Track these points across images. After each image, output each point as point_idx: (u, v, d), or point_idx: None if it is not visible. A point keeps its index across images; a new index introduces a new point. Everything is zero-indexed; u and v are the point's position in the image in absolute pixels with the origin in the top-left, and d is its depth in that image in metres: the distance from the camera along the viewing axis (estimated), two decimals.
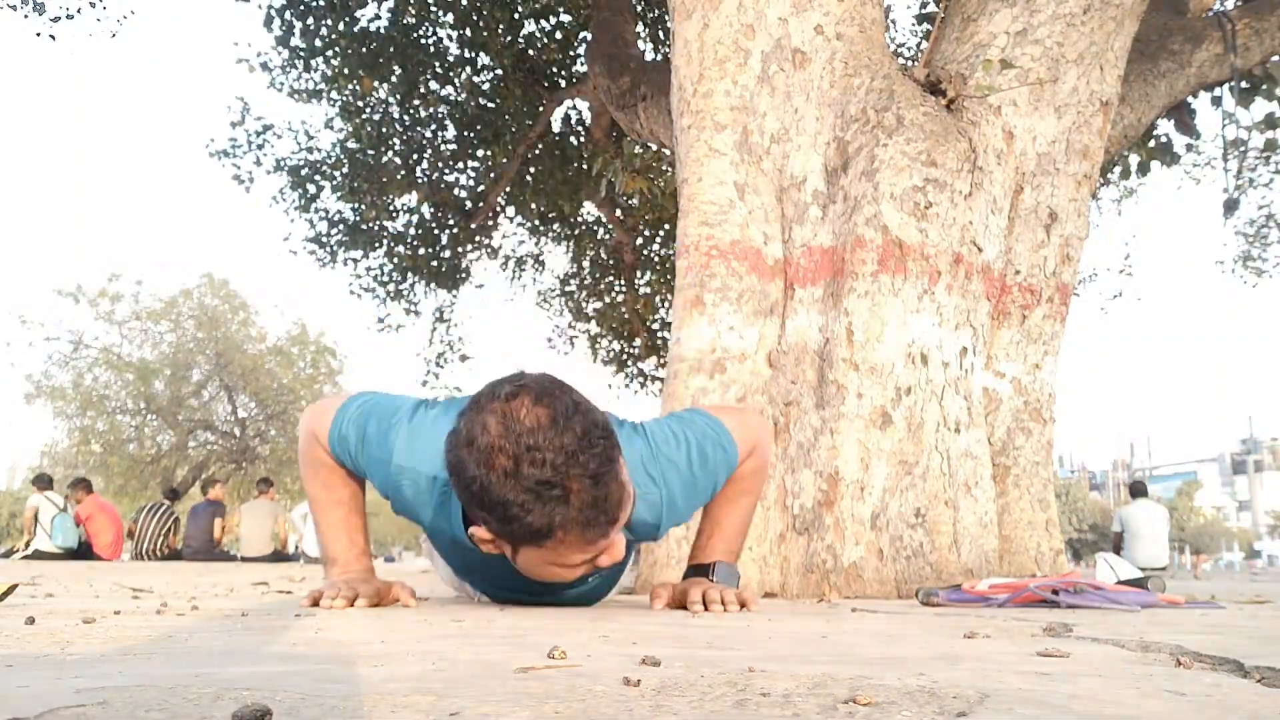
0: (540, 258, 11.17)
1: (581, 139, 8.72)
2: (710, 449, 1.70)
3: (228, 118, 8.80)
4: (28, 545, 8.69)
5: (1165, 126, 5.93)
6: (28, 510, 8.98)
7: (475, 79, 8.12)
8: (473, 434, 1.29)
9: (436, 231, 9.02)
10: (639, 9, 7.76)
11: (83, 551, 8.85)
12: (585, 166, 8.33)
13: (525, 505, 1.27)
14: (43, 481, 9.20)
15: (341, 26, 7.39)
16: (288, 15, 7.34)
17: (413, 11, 7.48)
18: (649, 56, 7.68)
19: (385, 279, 9.41)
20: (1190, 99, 5.17)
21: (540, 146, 8.49)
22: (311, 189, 8.78)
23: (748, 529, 1.88)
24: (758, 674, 0.79)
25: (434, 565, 2.24)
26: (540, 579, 1.48)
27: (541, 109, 8.07)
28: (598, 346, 11.11)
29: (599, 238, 10.21)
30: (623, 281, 10.07)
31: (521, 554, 1.40)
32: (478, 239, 9.58)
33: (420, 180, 8.49)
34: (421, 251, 9.00)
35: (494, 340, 30.69)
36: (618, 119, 6.31)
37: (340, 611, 1.57)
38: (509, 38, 7.69)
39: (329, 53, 7.65)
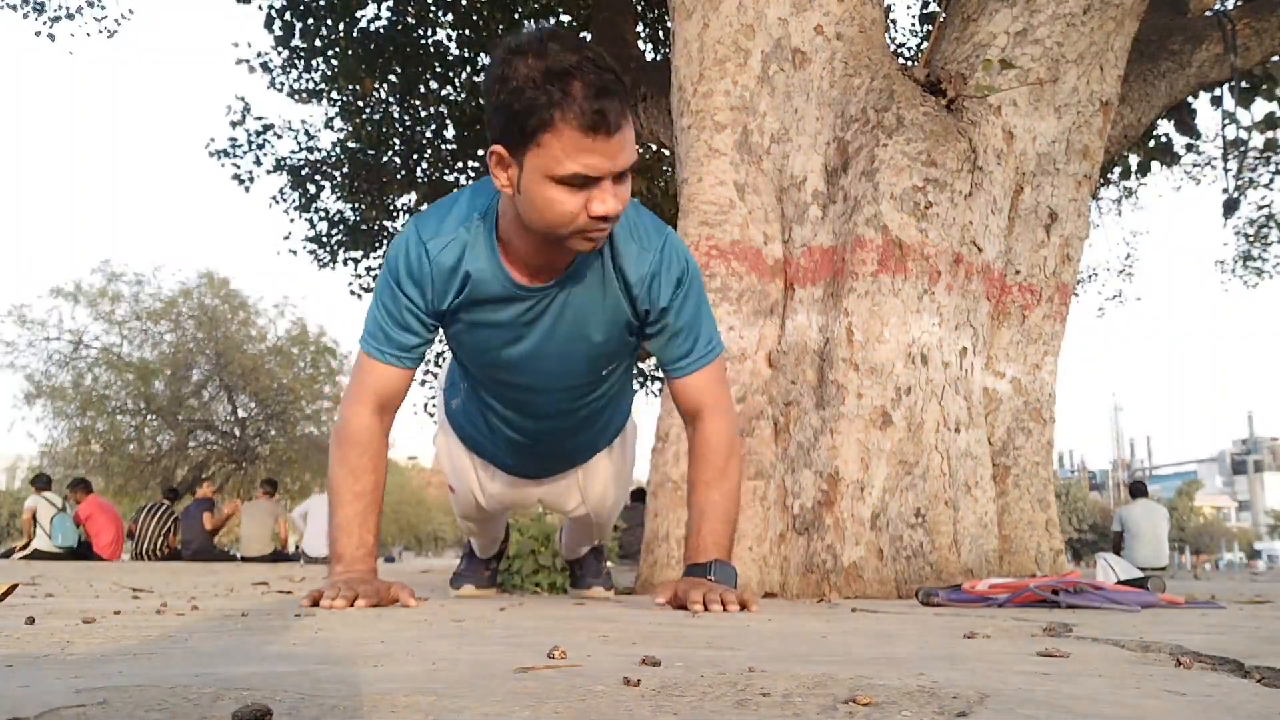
0: None
1: None
2: (708, 314, 1.85)
3: (228, 118, 8.79)
4: (25, 547, 8.69)
5: (1165, 126, 5.93)
6: (25, 512, 8.98)
7: (475, 79, 8.12)
8: (506, 45, 1.47)
9: None
10: (639, 9, 7.76)
11: (83, 551, 8.85)
12: None
13: (534, 83, 1.40)
14: (41, 482, 9.19)
15: (341, 27, 7.39)
16: (288, 16, 7.34)
17: (412, 11, 7.48)
18: (649, 56, 7.68)
19: None
20: (1190, 99, 5.18)
21: None
22: (311, 189, 8.78)
23: (736, 518, 1.88)
24: (758, 674, 0.79)
25: (445, 465, 2.25)
26: (542, 219, 1.52)
27: None
28: None
29: None
30: None
31: (525, 172, 1.48)
32: None
33: (420, 180, 8.49)
34: None
35: None
36: None
37: (340, 611, 1.57)
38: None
39: (329, 53, 7.65)
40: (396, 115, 8.22)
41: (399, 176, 8.34)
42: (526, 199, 1.52)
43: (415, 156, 8.45)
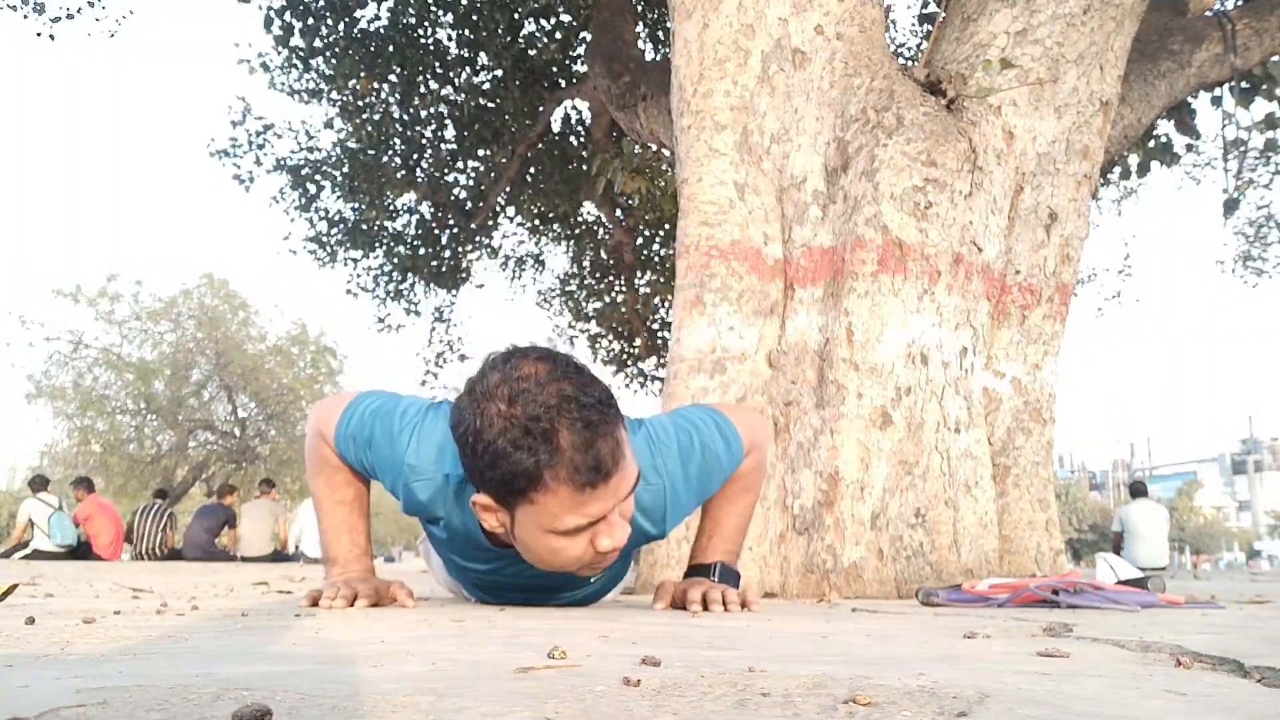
0: (540, 258, 11.18)
1: (581, 139, 8.72)
2: (712, 441, 1.70)
3: (228, 118, 8.79)
4: (25, 545, 8.68)
5: (1165, 126, 5.93)
6: (20, 517, 8.96)
7: (475, 79, 8.12)
8: (473, 387, 1.32)
9: (436, 231, 9.02)
10: (639, 9, 7.76)
11: (82, 551, 8.85)
12: (585, 166, 8.33)
13: (515, 443, 1.26)
14: (37, 484, 9.18)
15: (341, 27, 7.39)
16: (287, 16, 7.33)
17: (412, 11, 7.48)
18: (649, 56, 7.68)
19: (385, 279, 9.41)
20: (1190, 99, 5.18)
21: (540, 146, 8.48)
22: (311, 189, 8.78)
23: (747, 528, 1.89)
24: (758, 674, 0.79)
25: (429, 566, 2.24)
26: (541, 562, 1.45)
27: (541, 109, 8.07)
28: (598, 346, 11.11)
29: (599, 238, 10.21)
30: (623, 281, 10.07)
31: (518, 519, 1.37)
32: (478, 239, 9.58)
33: (420, 180, 8.49)
34: (421, 251, 9.00)
35: (494, 340, 30.71)
36: (618, 119, 6.31)
37: (340, 611, 1.57)
38: (509, 38, 7.69)
39: (329, 53, 7.65)
40: (396, 115, 8.21)
41: (399, 176, 8.34)
42: (523, 544, 1.43)
43: (415, 156, 8.45)
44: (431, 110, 8.16)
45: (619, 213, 9.14)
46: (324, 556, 1.79)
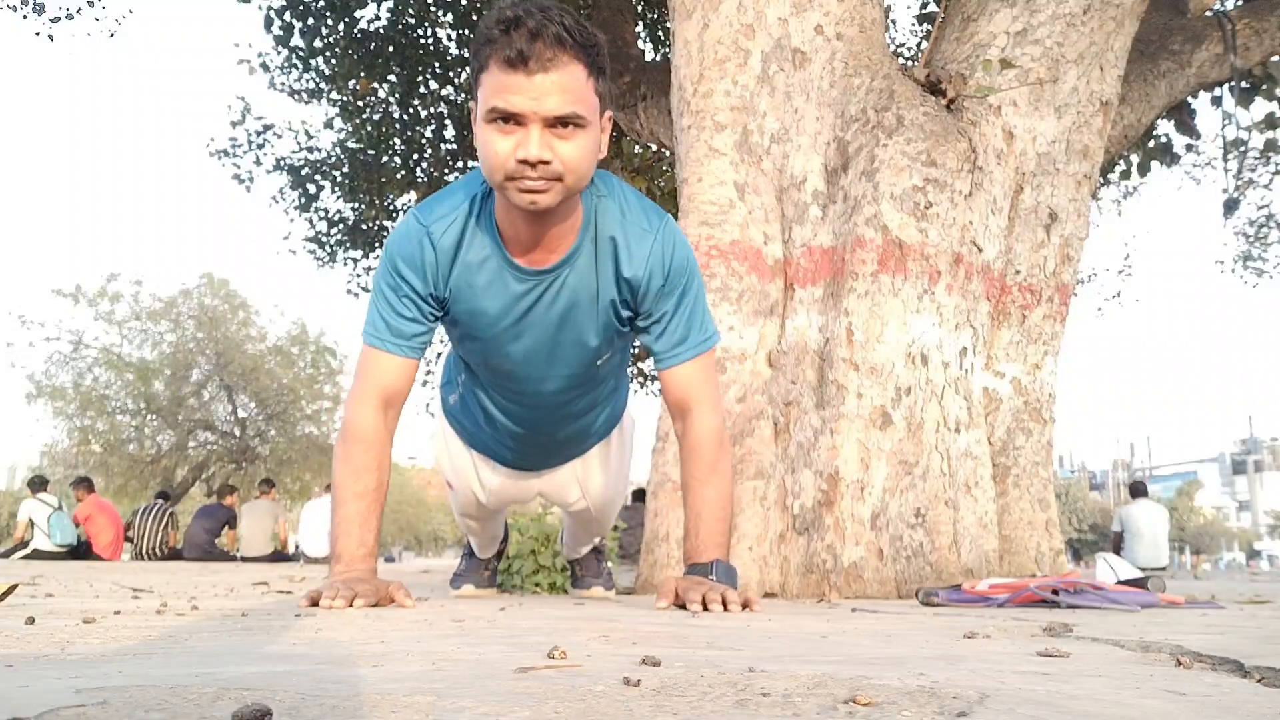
0: None
1: None
2: (704, 309, 1.84)
3: (228, 118, 8.80)
4: (25, 545, 8.69)
5: (1165, 126, 5.94)
6: (20, 517, 8.97)
7: None
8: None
9: None
10: (639, 9, 7.76)
11: (83, 551, 8.85)
12: None
13: (488, 25, 1.47)
14: (36, 484, 9.18)
15: (341, 27, 7.39)
16: (287, 16, 7.33)
17: (412, 11, 7.48)
18: (649, 56, 7.68)
19: None
20: (1190, 99, 5.18)
21: None
22: (311, 189, 8.78)
23: (731, 514, 1.88)
24: (758, 674, 0.79)
25: (444, 451, 2.25)
26: (485, 165, 1.54)
27: None
28: None
29: None
30: None
31: (476, 119, 1.52)
32: None
33: (420, 180, 8.49)
34: None
35: None
36: (618, 119, 6.31)
37: (340, 611, 1.57)
38: None
39: (329, 53, 7.65)
40: (396, 115, 8.21)
41: (399, 176, 8.34)
42: (477, 142, 1.56)
43: (415, 156, 8.44)
44: (431, 110, 8.17)
45: None
46: (330, 549, 1.79)
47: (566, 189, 1.56)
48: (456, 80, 8.02)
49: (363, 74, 7.37)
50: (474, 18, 7.47)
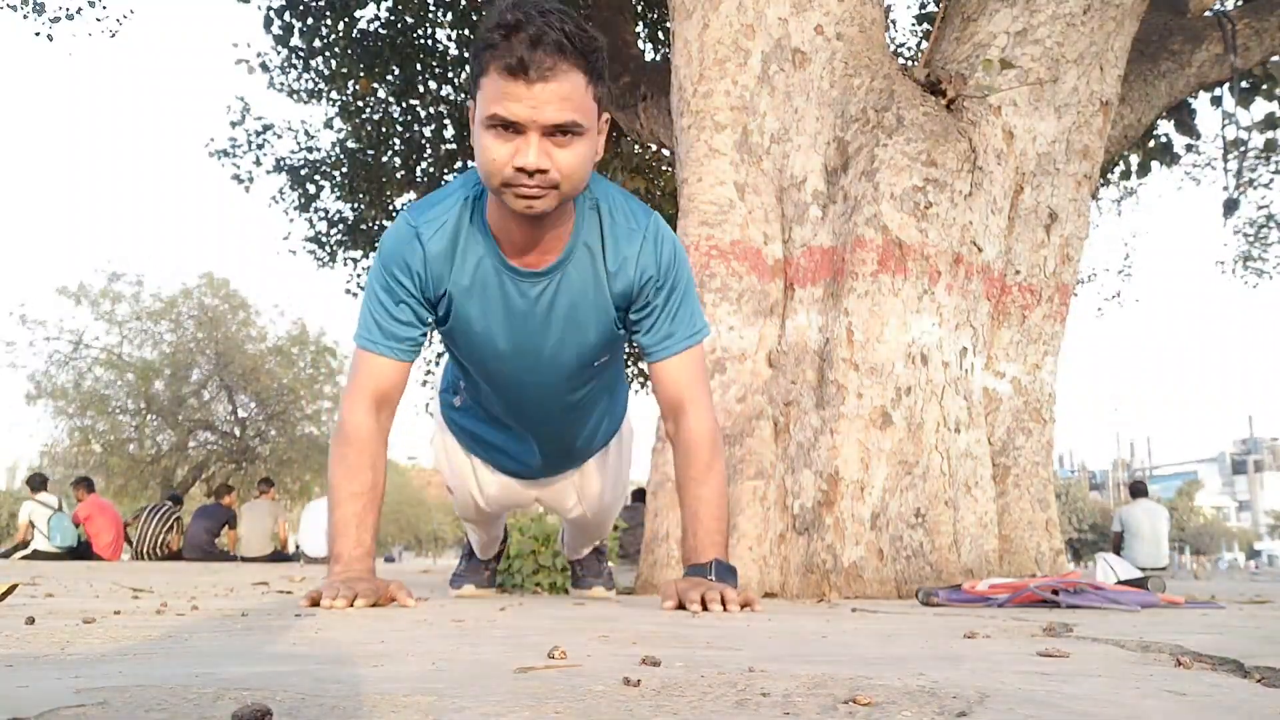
0: None
1: None
2: (694, 303, 1.84)
3: (228, 118, 8.79)
4: (25, 546, 8.69)
5: (1165, 126, 5.94)
6: (21, 518, 8.97)
7: None
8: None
9: None
10: (639, 9, 7.76)
11: (82, 551, 8.86)
12: None
13: (488, 29, 1.46)
14: (35, 483, 9.18)
15: (340, 26, 7.39)
16: (287, 16, 7.33)
17: (412, 11, 7.47)
18: (649, 56, 7.68)
19: None
20: (1190, 99, 5.18)
21: None
22: (311, 189, 8.78)
23: (728, 512, 1.87)
24: (758, 674, 0.79)
25: (443, 456, 2.25)
26: (483, 169, 1.54)
27: None
28: None
29: None
30: None
31: (475, 123, 1.52)
32: None
33: (420, 180, 8.49)
34: None
35: None
36: (618, 119, 6.31)
37: (340, 611, 1.57)
38: None
39: (328, 53, 7.65)
40: (396, 115, 8.21)
41: (398, 176, 8.34)
42: (476, 145, 1.55)
43: (415, 156, 8.44)
44: (431, 110, 8.16)
45: None
46: (329, 550, 1.79)
47: (562, 195, 1.56)
48: (456, 80, 8.02)
49: (362, 74, 7.37)
50: (474, 17, 7.47)
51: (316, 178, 8.74)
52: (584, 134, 1.53)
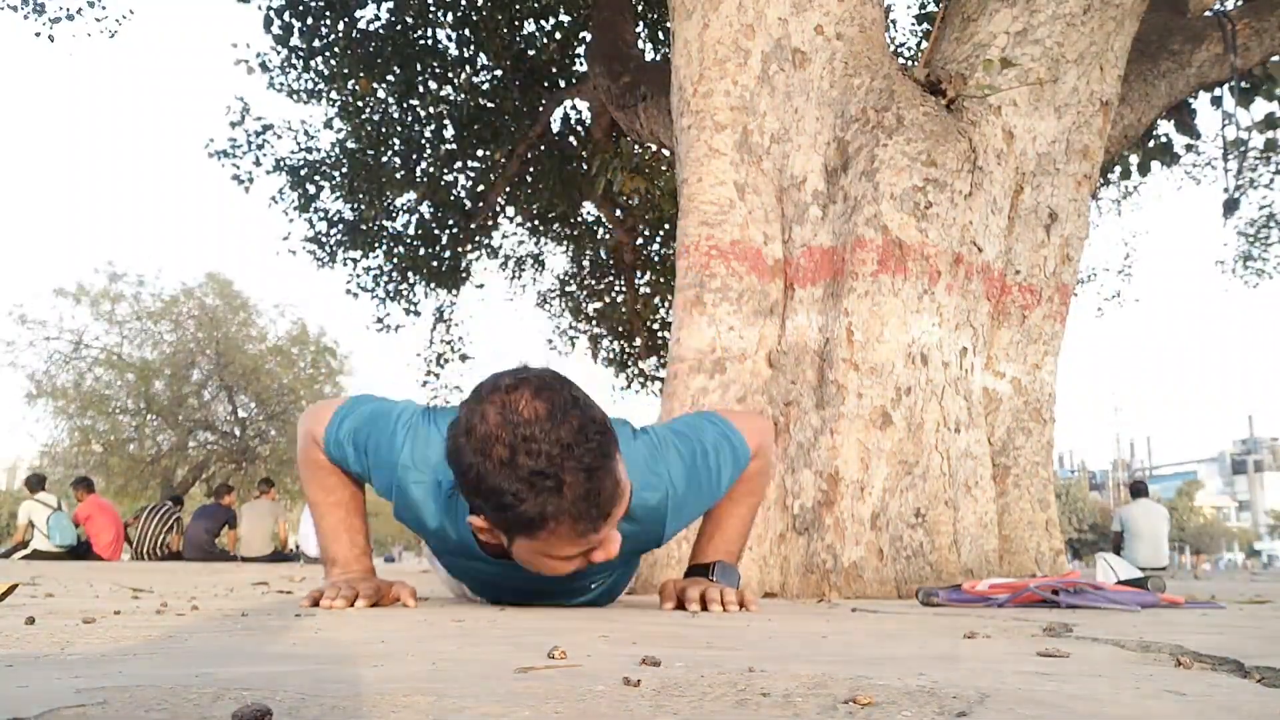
0: (540, 258, 11.18)
1: (581, 139, 8.72)
2: (716, 447, 1.70)
3: (227, 118, 8.77)
4: (25, 546, 8.69)
5: (1165, 126, 5.93)
6: (20, 518, 8.97)
7: (474, 79, 8.11)
8: (471, 423, 1.30)
9: (436, 231, 9.01)
10: (639, 9, 7.76)
11: (83, 551, 8.86)
12: (585, 166, 8.32)
13: (519, 495, 1.28)
14: (33, 483, 9.18)
15: (340, 26, 7.39)
16: (287, 16, 7.33)
17: (412, 11, 7.48)
18: (649, 56, 7.68)
19: (385, 279, 9.41)
20: (1190, 99, 5.17)
21: (540, 146, 8.48)
22: (311, 189, 8.78)
23: (749, 531, 1.89)
24: (758, 674, 0.79)
25: (433, 567, 2.24)
26: (535, 570, 1.48)
27: (541, 109, 8.06)
28: (598, 347, 11.11)
29: (599, 238, 10.20)
30: (623, 281, 10.07)
31: (515, 543, 1.41)
32: (477, 239, 9.57)
33: (420, 180, 8.49)
34: (421, 251, 8.99)
35: (494, 340, 30.77)
36: (618, 119, 6.31)
37: (340, 611, 1.57)
38: (508, 38, 7.69)
39: (328, 53, 7.64)
40: (396, 115, 8.21)
41: (398, 176, 8.33)
42: (519, 559, 1.46)
43: (414, 156, 8.44)
44: (431, 110, 8.16)
45: (619, 213, 9.14)
46: (323, 558, 1.79)
47: None
48: (456, 80, 8.02)
49: (362, 74, 7.37)
50: (474, 17, 7.48)
51: (316, 178, 8.74)
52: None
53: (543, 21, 7.99)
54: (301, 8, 7.31)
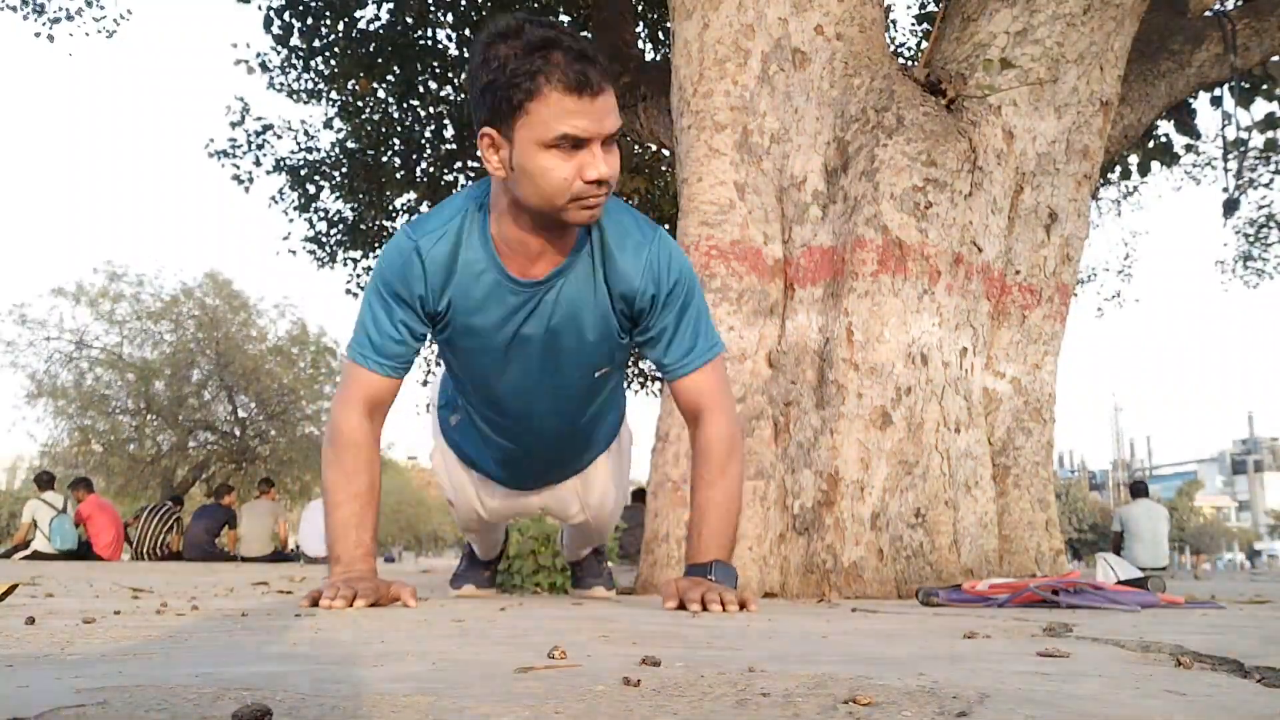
0: None
1: None
2: (702, 312, 1.83)
3: (227, 118, 8.77)
4: (26, 546, 8.69)
5: (1165, 126, 5.93)
6: (24, 517, 8.97)
7: None
8: (485, 32, 1.52)
9: None
10: (639, 9, 7.76)
11: (83, 551, 8.86)
12: None
13: (519, 57, 1.46)
14: (42, 481, 9.18)
15: (340, 26, 7.39)
16: (286, 16, 7.33)
17: (412, 11, 7.47)
18: (649, 56, 7.68)
19: None
20: (1190, 99, 5.18)
21: None
22: (311, 189, 8.78)
23: (736, 518, 1.87)
24: (758, 674, 0.79)
25: (443, 470, 2.25)
26: (538, 194, 1.54)
27: None
28: None
29: None
30: None
31: (517, 145, 1.51)
32: None
33: (420, 180, 8.49)
34: None
35: None
36: None
37: (340, 611, 1.57)
38: None
39: (328, 53, 7.64)
40: (396, 115, 8.21)
41: (398, 176, 8.33)
42: (521, 174, 1.54)
43: (414, 156, 8.44)
44: (431, 110, 8.16)
45: None
46: (329, 552, 1.79)
47: (607, 198, 1.60)
48: (456, 80, 8.02)
49: (362, 74, 7.37)
50: (474, 17, 7.47)
51: (316, 178, 8.74)
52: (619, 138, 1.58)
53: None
54: (301, 8, 7.31)
